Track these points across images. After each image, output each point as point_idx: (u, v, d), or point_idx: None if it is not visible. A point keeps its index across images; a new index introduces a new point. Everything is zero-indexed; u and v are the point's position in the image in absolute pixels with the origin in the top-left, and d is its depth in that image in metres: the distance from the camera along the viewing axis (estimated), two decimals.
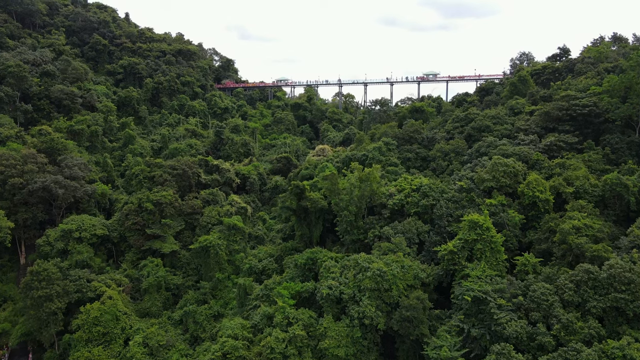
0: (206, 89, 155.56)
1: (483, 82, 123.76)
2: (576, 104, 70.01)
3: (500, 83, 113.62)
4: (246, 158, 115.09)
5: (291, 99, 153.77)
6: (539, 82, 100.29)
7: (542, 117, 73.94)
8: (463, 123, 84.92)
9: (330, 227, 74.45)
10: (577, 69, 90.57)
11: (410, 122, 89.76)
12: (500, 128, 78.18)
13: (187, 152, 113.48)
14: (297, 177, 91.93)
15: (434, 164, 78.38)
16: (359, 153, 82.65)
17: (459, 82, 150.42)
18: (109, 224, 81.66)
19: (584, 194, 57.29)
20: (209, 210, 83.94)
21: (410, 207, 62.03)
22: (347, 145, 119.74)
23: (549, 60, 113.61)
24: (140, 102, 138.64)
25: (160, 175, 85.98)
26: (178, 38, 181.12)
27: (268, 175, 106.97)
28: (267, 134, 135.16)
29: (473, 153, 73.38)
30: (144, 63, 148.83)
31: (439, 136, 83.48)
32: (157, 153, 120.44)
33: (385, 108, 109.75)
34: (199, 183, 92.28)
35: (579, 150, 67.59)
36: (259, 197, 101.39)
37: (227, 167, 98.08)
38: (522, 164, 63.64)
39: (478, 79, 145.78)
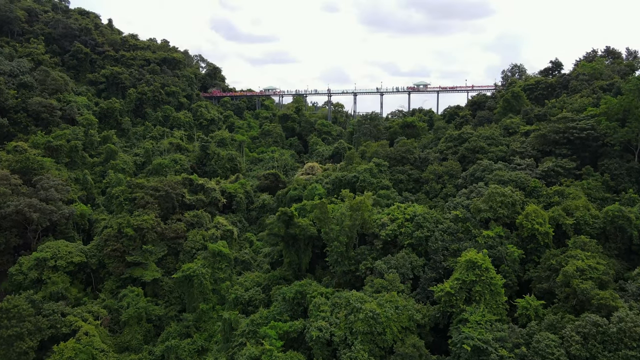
0: (192, 99, 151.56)
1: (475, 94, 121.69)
2: (573, 127, 67.80)
3: (492, 97, 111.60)
4: (233, 174, 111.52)
5: (279, 110, 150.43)
6: (532, 97, 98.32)
7: (538, 140, 71.65)
8: (456, 143, 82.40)
9: (320, 253, 71.32)
10: (571, 86, 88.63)
11: (401, 140, 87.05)
12: (495, 150, 75.77)
13: (171, 167, 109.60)
14: (285, 197, 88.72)
15: (427, 186, 75.70)
16: (350, 174, 79.66)
17: (450, 92, 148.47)
18: (87, 249, 77.61)
19: (584, 225, 54.92)
20: (193, 234, 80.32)
21: (404, 239, 59.15)
22: (337, 160, 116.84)
23: (541, 74, 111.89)
24: (123, 114, 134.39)
25: (142, 197, 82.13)
26: (163, 45, 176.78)
27: (255, 193, 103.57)
28: (255, 147, 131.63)
29: (468, 177, 70.83)
30: (127, 72, 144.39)
31: (431, 157, 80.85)
32: (140, 168, 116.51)
33: (376, 122, 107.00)
34: (183, 204, 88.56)
35: (577, 176, 65.37)
36: (245, 216, 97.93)
37: (213, 185, 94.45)
38: (520, 192, 61.13)
39: (469, 90, 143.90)
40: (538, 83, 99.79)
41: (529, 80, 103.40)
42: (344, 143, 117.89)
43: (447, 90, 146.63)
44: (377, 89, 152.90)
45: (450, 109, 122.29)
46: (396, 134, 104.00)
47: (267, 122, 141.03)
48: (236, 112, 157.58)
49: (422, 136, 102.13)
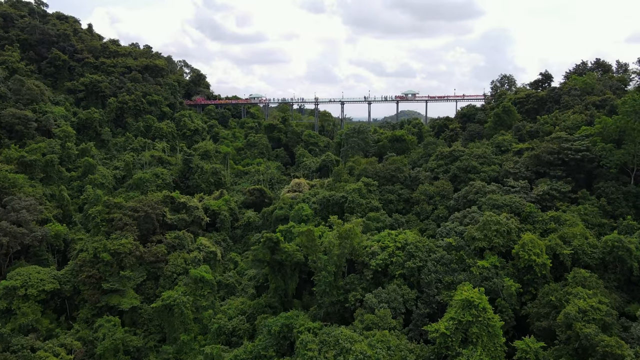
0: (175, 108, 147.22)
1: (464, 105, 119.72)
2: (568, 148, 65.73)
3: (482, 108, 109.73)
4: (217, 189, 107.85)
5: (265, 119, 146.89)
6: (522, 111, 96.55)
7: (532, 160, 69.48)
8: (448, 161, 79.97)
9: (308, 277, 68.39)
10: (563, 101, 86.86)
11: (391, 158, 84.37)
12: (488, 169, 73.48)
13: (152, 182, 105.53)
14: (271, 216, 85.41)
15: (418, 207, 73.08)
16: (338, 194, 76.74)
17: (438, 102, 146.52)
18: (61, 275, 73.43)
19: (582, 255, 52.73)
20: (175, 258, 76.61)
21: (395, 269, 56.36)
22: (324, 173, 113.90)
23: (531, 87, 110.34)
24: (103, 124, 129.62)
25: (119, 218, 78.11)
26: (145, 51, 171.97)
27: (240, 209, 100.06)
28: (240, 159, 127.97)
29: (460, 198, 68.37)
30: (108, 80, 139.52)
31: (422, 175, 78.28)
32: (120, 182, 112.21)
33: (364, 136, 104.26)
34: (164, 223, 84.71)
35: (573, 200, 63.31)
36: (230, 234, 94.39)
37: (195, 203, 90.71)
38: (515, 219, 58.79)
39: (457, 99, 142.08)
40: (529, 96, 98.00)
41: (519, 93, 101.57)
42: (331, 156, 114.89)
43: (436, 99, 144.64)
44: (365, 97, 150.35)
45: (440, 120, 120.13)
46: (385, 148, 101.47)
47: (253, 133, 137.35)
48: (221, 121, 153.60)
49: (412, 150, 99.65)
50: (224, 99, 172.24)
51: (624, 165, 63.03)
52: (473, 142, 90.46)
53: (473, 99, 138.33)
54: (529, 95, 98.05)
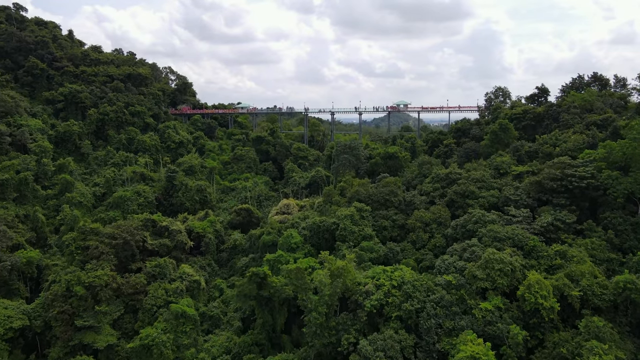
0: (159, 119, 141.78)
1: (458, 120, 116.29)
2: (572, 175, 62.20)
3: (477, 123, 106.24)
4: (202, 207, 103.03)
5: (253, 130, 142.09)
6: (519, 127, 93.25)
7: (533, 187, 65.88)
8: (444, 184, 76.15)
9: (297, 311, 64.04)
10: (563, 120, 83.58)
11: (384, 180, 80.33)
12: (487, 194, 69.73)
13: (134, 200, 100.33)
14: (258, 241, 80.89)
15: (414, 235, 69.07)
16: (329, 220, 72.49)
17: (431, 112, 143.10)
18: (31, 309, 68.15)
19: (592, 297, 49.18)
20: (155, 289, 71.74)
21: (392, 310, 52.23)
22: (314, 189, 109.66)
23: (527, 101, 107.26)
24: (83, 137, 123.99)
25: (95, 246, 73.08)
26: (128, 59, 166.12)
27: (226, 230, 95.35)
28: (227, 174, 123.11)
29: (458, 227, 64.52)
30: (88, 90, 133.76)
31: (417, 200, 74.33)
32: (100, 200, 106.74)
33: (356, 152, 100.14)
34: (145, 249, 79.80)
35: (578, 232, 59.80)
36: (215, 257, 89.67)
37: (178, 226, 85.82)
38: (519, 254, 55.10)
39: (450, 110, 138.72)
40: (525, 112, 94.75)
41: (515, 108, 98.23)
42: (321, 171, 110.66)
43: (428, 110, 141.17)
44: (356, 108, 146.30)
45: (434, 135, 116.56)
46: (378, 166, 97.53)
47: (240, 146, 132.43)
48: (207, 132, 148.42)
49: (406, 168, 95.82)
50: (211, 109, 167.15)
51: (631, 194, 59.66)
52: (469, 162, 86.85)
53: (466, 110, 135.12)
54: (526, 111, 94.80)
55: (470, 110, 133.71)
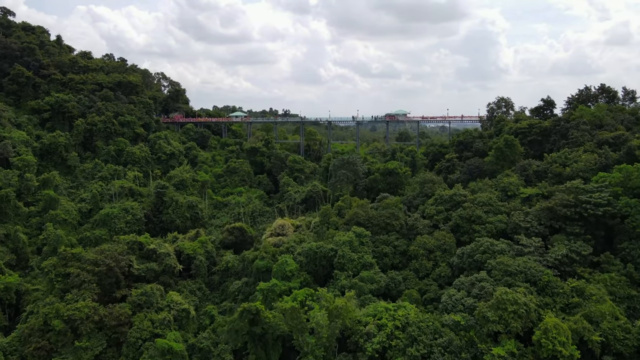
0: (150, 128, 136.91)
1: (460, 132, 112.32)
2: (587, 202, 58.15)
3: (480, 136, 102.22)
4: (193, 227, 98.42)
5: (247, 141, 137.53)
6: (524, 142, 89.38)
7: (545, 213, 61.77)
8: (448, 206, 71.94)
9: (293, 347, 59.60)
10: (572, 137, 79.58)
11: (385, 201, 76.05)
12: (494, 219, 65.58)
13: (121, 218, 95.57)
14: (252, 265, 76.33)
15: (417, 263, 64.84)
16: (326, 246, 68.10)
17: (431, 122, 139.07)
18: (6, 343, 63.40)
19: (614, 342, 45.17)
20: (140, 320, 66.98)
21: (395, 354, 47.92)
22: (310, 205, 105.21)
23: (532, 113, 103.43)
24: (70, 148, 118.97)
25: (77, 274, 68.37)
26: (119, 65, 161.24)
27: (218, 251, 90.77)
28: (220, 187, 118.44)
29: (465, 257, 60.33)
30: (76, 99, 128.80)
31: (420, 224, 70.05)
32: (86, 217, 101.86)
33: (354, 167, 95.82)
34: (131, 274, 75.14)
35: (595, 264, 55.77)
36: (206, 280, 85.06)
37: (167, 248, 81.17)
38: (533, 290, 50.97)
39: (450, 120, 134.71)
40: (531, 127, 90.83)
41: (520, 122, 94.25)
42: (317, 186, 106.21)
43: (428, 120, 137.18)
44: (354, 117, 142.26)
45: (435, 148, 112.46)
46: (377, 182, 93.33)
47: (234, 157, 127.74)
48: (200, 141, 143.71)
49: (406, 185, 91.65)
50: (205, 116, 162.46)
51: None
52: (474, 181, 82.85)
53: (467, 120, 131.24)
54: (532, 126, 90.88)
55: (471, 120, 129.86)
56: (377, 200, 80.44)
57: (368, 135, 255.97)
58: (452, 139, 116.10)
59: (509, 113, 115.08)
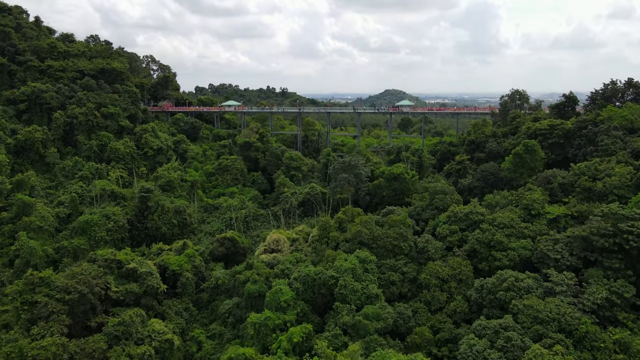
0: (137, 119, 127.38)
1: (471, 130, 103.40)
2: (629, 232, 50.10)
3: (494, 135, 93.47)
4: (180, 233, 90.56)
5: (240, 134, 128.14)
6: (545, 145, 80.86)
7: (578, 243, 53.81)
8: (463, 225, 63.91)
9: None
10: (602, 144, 70.91)
11: (391, 217, 67.84)
12: (517, 245, 57.68)
13: (102, 225, 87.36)
14: (243, 287, 68.67)
15: (428, 294, 57.24)
16: (326, 273, 60.32)
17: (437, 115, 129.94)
18: None
19: None
20: (117, 355, 59.67)
21: None
22: (308, 208, 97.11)
23: (553, 111, 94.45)
24: (48, 144, 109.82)
25: (44, 304, 60.70)
26: (104, 49, 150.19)
27: (208, 264, 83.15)
28: (211, 187, 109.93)
29: (485, 292, 52.66)
30: (55, 89, 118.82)
31: (431, 247, 62.12)
32: (64, 222, 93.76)
33: (356, 171, 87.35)
34: (108, 297, 67.52)
35: (637, 307, 48.14)
36: (194, 299, 77.65)
37: (149, 266, 73.36)
38: (568, 344, 43.43)
39: (459, 113, 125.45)
40: (553, 128, 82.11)
41: (540, 122, 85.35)
42: (316, 187, 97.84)
43: (434, 112, 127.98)
44: (354, 108, 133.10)
45: (443, 146, 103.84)
46: (381, 189, 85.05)
47: (226, 153, 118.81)
48: (191, 132, 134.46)
49: (413, 192, 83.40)
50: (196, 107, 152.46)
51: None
52: (490, 191, 74.72)
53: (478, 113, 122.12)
54: (553, 127, 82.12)
55: (483, 113, 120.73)
56: (382, 214, 72.34)
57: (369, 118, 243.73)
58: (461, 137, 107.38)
59: (524, 107, 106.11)
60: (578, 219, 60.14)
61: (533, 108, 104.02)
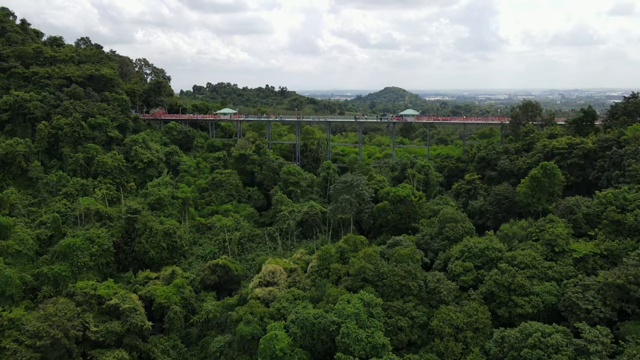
0: (127, 129, 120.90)
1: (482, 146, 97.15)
2: None
3: (505, 151, 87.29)
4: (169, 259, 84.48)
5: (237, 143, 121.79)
6: (563, 165, 74.74)
7: (612, 291, 47.68)
8: (479, 262, 57.80)
9: None
10: (630, 169, 64.65)
11: (398, 251, 61.65)
12: (541, 290, 51.61)
13: (85, 250, 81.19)
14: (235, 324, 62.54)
15: (441, 344, 51.11)
16: (327, 317, 54.26)
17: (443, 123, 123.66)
18: None
19: None
20: None
21: None
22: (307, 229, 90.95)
23: (570, 125, 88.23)
24: (32, 157, 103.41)
25: (13, 351, 54.57)
26: (93, 53, 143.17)
27: (198, 294, 77.05)
28: (204, 203, 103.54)
29: (506, 347, 46.58)
30: (39, 97, 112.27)
31: (444, 288, 55.94)
32: (46, 245, 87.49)
33: (358, 190, 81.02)
34: (86, 339, 61.43)
35: None
36: (183, 334, 71.59)
37: (133, 301, 67.15)
38: None
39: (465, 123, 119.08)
40: (572, 147, 76.07)
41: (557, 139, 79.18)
42: (315, 207, 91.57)
43: (440, 121, 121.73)
44: (356, 117, 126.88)
45: (450, 161, 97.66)
46: (386, 212, 78.86)
47: (221, 167, 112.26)
48: (184, 142, 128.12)
49: (420, 216, 77.25)
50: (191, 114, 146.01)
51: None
52: (505, 219, 68.62)
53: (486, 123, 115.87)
54: (572, 145, 76.05)
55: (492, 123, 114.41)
56: (387, 244, 66.19)
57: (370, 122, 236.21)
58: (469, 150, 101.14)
59: (536, 119, 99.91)
60: (608, 258, 54.03)
61: (546, 120, 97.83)
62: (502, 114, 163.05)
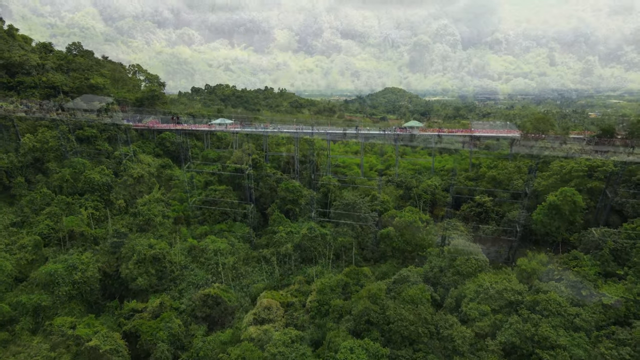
0: (117, 140, 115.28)
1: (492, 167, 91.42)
2: None
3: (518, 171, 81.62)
4: (158, 290, 78.73)
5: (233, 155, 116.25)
6: (582, 189, 69.12)
7: None
8: (496, 305, 52.11)
9: None
10: None
11: (406, 290, 56.00)
12: (568, 343, 45.94)
13: (67, 279, 75.64)
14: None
15: None
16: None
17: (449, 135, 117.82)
18: None
19: None
20: None
21: None
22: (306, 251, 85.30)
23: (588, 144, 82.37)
24: (15, 172, 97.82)
25: None
26: (84, 61, 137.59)
27: (188, 326, 71.39)
28: (197, 222, 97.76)
29: None
30: (24, 108, 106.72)
31: (458, 335, 50.33)
32: (27, 270, 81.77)
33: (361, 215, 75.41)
34: None
35: None
36: None
37: (114, 341, 61.57)
38: None
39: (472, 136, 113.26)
40: (592, 170, 70.31)
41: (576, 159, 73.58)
42: (315, 229, 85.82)
43: (446, 133, 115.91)
44: (356, 128, 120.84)
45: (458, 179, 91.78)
46: (391, 239, 73.23)
47: (215, 181, 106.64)
48: (177, 154, 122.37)
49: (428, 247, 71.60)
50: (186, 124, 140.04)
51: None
52: (522, 252, 62.92)
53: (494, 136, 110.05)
54: (593, 168, 70.32)
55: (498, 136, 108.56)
56: (394, 280, 60.53)
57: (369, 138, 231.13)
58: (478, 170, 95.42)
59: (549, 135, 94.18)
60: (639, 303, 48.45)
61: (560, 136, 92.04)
62: (504, 116, 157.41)
